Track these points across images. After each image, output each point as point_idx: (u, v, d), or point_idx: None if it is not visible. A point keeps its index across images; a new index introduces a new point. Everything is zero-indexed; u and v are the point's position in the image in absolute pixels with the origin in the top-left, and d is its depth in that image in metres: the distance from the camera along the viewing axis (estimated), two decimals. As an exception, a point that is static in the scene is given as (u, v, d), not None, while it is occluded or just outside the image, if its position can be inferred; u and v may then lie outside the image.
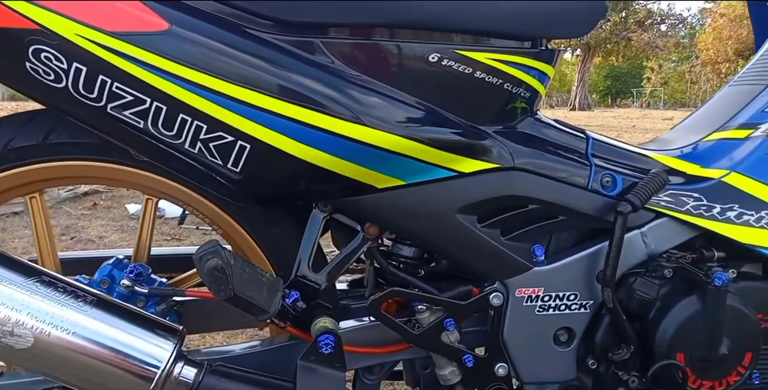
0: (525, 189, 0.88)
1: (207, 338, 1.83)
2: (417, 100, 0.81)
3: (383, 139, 0.78)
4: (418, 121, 0.81)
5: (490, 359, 0.91)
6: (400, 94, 0.80)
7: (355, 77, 0.78)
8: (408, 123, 0.80)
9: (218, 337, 1.84)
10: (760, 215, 0.92)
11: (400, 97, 0.80)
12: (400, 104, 0.80)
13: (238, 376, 0.75)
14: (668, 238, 0.92)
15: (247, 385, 0.75)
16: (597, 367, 0.92)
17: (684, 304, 0.88)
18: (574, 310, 0.91)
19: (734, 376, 0.90)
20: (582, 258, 0.91)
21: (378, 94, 0.79)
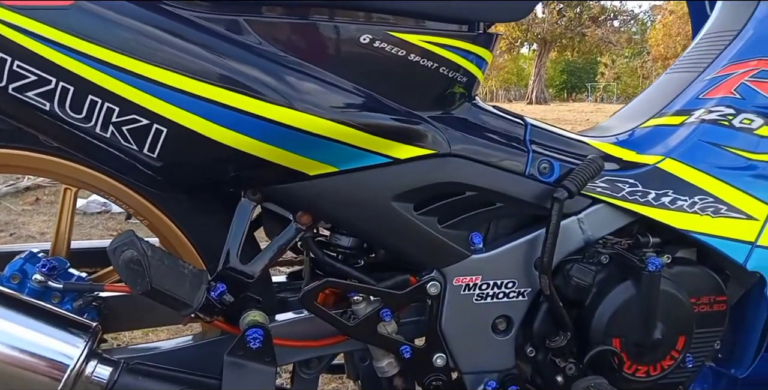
0: (461, 176, 0.86)
1: (151, 335, 1.77)
2: (349, 84, 0.78)
3: (314, 124, 0.75)
4: (351, 106, 0.78)
5: (428, 350, 0.89)
6: (331, 77, 0.77)
7: (282, 58, 0.75)
8: (340, 107, 0.77)
9: (162, 334, 1.78)
10: (693, 200, 0.92)
11: (331, 80, 0.77)
12: (331, 87, 0.77)
13: (158, 374, 0.70)
14: (605, 225, 0.92)
15: (168, 383, 0.70)
16: (535, 355, 0.92)
17: (619, 290, 0.88)
18: (512, 298, 0.90)
19: (668, 360, 0.91)
20: (519, 245, 0.90)
21: (307, 76, 0.76)
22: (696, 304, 0.93)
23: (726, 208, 0.93)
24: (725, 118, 0.96)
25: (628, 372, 0.90)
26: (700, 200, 0.92)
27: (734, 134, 0.96)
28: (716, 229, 0.92)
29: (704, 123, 0.96)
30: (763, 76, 0.98)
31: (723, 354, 1.01)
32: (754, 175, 0.94)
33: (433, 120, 0.84)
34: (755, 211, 0.93)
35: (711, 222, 0.92)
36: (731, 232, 0.92)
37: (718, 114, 0.97)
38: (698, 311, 0.94)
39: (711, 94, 0.99)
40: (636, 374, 0.90)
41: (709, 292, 0.94)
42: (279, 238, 0.84)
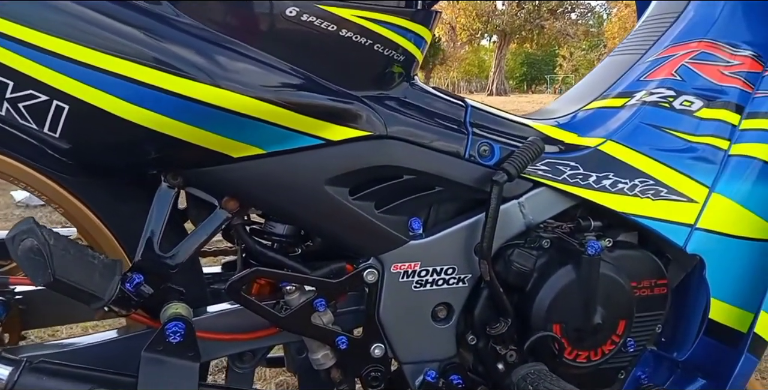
0: (398, 158, 0.82)
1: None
2: (277, 60, 0.74)
3: (238, 103, 0.70)
4: (279, 83, 0.73)
5: (365, 340, 0.85)
6: (257, 53, 0.72)
7: (201, 31, 0.70)
8: (267, 85, 0.72)
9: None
10: (634, 183, 0.91)
11: (257, 56, 0.72)
12: (257, 64, 0.72)
13: (65, 372, 0.65)
14: (546, 208, 0.90)
15: (76, 382, 0.65)
16: (476, 342, 0.89)
17: (559, 275, 0.86)
18: (453, 285, 0.87)
19: (609, 344, 0.90)
20: (459, 230, 0.87)
21: (231, 51, 0.71)
22: (637, 288, 0.93)
23: (666, 190, 0.92)
24: (666, 100, 0.95)
25: (569, 358, 0.88)
26: (641, 183, 0.91)
27: (674, 116, 0.95)
28: (656, 212, 0.91)
29: (645, 105, 0.95)
30: (703, 58, 0.97)
31: (665, 338, 1.00)
32: (694, 157, 0.94)
33: (368, 100, 0.80)
34: (695, 193, 0.93)
35: (651, 205, 0.91)
36: (671, 215, 0.92)
37: (658, 96, 0.96)
38: (639, 295, 0.93)
39: (652, 76, 0.98)
40: (577, 360, 0.89)
41: (650, 276, 0.93)
42: (203, 226, 0.79)
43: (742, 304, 0.93)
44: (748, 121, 0.95)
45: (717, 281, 0.93)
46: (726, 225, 0.93)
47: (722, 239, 0.92)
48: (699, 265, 0.94)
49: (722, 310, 0.93)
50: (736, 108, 0.96)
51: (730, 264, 0.93)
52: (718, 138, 0.95)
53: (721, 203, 0.93)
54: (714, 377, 0.94)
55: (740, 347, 0.91)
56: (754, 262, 0.93)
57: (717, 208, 0.93)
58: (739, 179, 0.94)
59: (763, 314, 0.89)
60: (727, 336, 0.93)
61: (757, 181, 0.93)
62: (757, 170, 0.94)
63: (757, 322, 0.89)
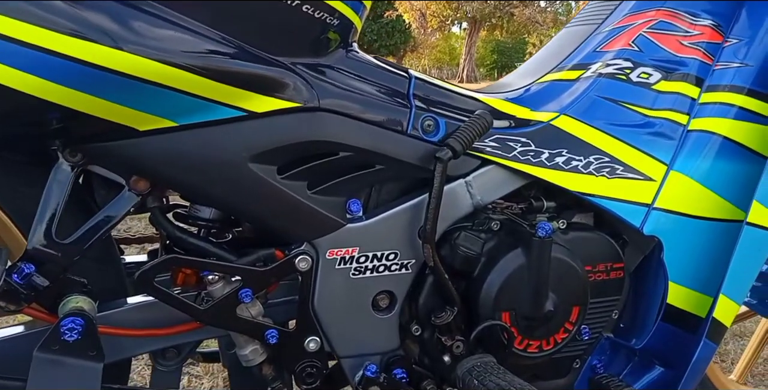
0: (333, 133, 0.74)
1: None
2: (190, 21, 0.65)
3: (142, 68, 0.61)
4: (192, 47, 0.65)
5: (298, 333, 0.78)
6: (167, 12, 0.64)
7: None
8: (179, 49, 0.64)
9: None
10: (588, 160, 0.85)
11: (166, 16, 0.63)
12: (167, 24, 0.63)
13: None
14: (495, 188, 0.84)
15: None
16: (421, 333, 0.83)
17: (508, 259, 0.80)
18: (395, 271, 0.80)
19: (562, 332, 0.84)
20: (402, 212, 0.80)
21: (135, 10, 0.62)
22: (592, 272, 0.87)
23: (622, 168, 0.86)
24: (622, 72, 0.89)
25: (519, 348, 0.82)
26: (596, 160, 0.85)
27: (631, 89, 0.89)
28: (612, 191, 0.85)
29: (601, 77, 0.89)
30: (662, 28, 0.91)
31: (623, 324, 0.96)
32: (652, 132, 0.88)
33: (298, 68, 0.72)
34: (652, 171, 0.87)
35: (606, 183, 0.85)
36: (627, 194, 0.86)
37: (615, 68, 0.90)
38: (594, 279, 0.87)
39: (609, 47, 0.92)
40: (527, 350, 0.83)
41: (606, 259, 0.88)
42: (108, 209, 0.70)
43: (700, 287, 0.88)
44: (708, 95, 0.90)
45: (675, 264, 0.88)
46: (684, 204, 0.88)
47: (680, 219, 0.87)
48: (657, 247, 0.89)
49: (680, 294, 0.88)
50: (695, 80, 0.91)
51: (689, 246, 0.88)
52: (676, 112, 0.90)
53: (679, 181, 0.88)
54: (672, 365, 0.90)
55: (699, 333, 0.86)
56: (713, 244, 0.88)
57: (675, 186, 0.88)
58: (699, 156, 0.88)
59: (722, 298, 0.85)
60: (685, 321, 0.88)
61: (717, 158, 0.88)
62: (716, 146, 0.89)
63: (716, 307, 0.85)
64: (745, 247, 0.84)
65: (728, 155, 0.88)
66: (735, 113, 0.89)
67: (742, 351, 1.61)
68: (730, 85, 0.89)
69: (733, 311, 0.86)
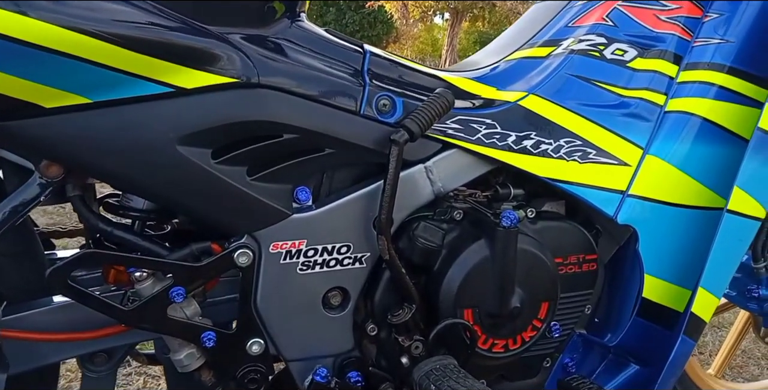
0: (274, 113, 0.67)
1: None
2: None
3: (48, 36, 0.54)
4: (109, 13, 0.57)
5: (239, 335, 0.70)
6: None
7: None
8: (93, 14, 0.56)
9: None
10: (559, 144, 0.79)
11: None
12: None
13: None
14: (458, 174, 0.77)
15: None
16: (378, 333, 0.76)
17: (471, 251, 0.74)
18: (348, 266, 0.73)
19: (530, 330, 0.78)
20: (355, 201, 0.73)
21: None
22: (563, 265, 0.81)
23: (595, 152, 0.80)
24: (596, 49, 0.83)
25: (483, 348, 0.76)
26: (567, 143, 0.79)
27: (605, 67, 0.82)
28: (584, 177, 0.79)
29: (573, 54, 0.82)
30: (638, 1, 0.85)
31: (597, 319, 0.90)
32: (627, 113, 0.82)
33: (235, 40, 0.64)
34: (627, 155, 0.81)
35: (578, 169, 0.79)
36: (600, 180, 0.80)
37: (588, 44, 0.83)
38: (565, 272, 0.81)
39: (581, 22, 0.85)
40: (493, 349, 0.77)
41: (578, 251, 0.82)
42: (14, 197, 0.62)
43: (678, 280, 0.83)
44: (687, 73, 0.84)
45: (651, 255, 0.82)
46: (661, 191, 0.82)
47: (657, 207, 0.81)
48: (632, 237, 0.83)
49: (657, 287, 0.83)
50: (673, 58, 0.84)
51: (666, 235, 0.82)
52: (653, 92, 0.83)
53: (656, 166, 0.82)
54: (648, 362, 0.84)
55: (676, 329, 0.81)
56: (692, 233, 0.82)
57: (652, 172, 0.81)
58: (677, 139, 0.82)
59: (700, 291, 0.79)
60: (661, 316, 0.83)
61: (696, 141, 0.82)
62: (695, 128, 0.83)
63: (695, 301, 0.79)
64: (725, 237, 0.79)
65: (708, 138, 0.83)
66: (715, 93, 0.83)
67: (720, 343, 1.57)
68: (710, 63, 0.83)
69: (712, 305, 0.81)
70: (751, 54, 0.83)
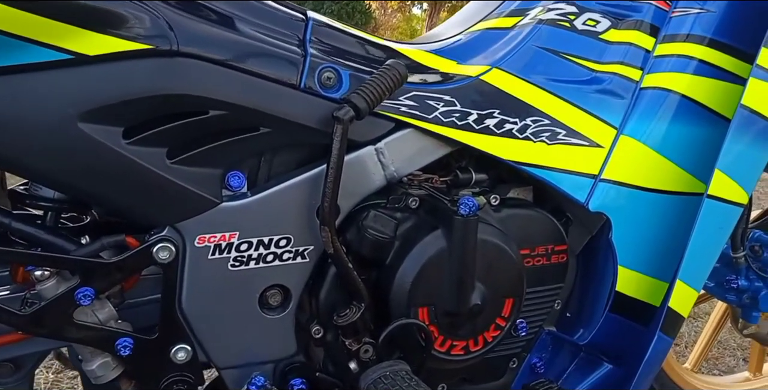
0: (198, 85, 0.58)
1: None
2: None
3: None
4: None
5: (162, 341, 0.62)
6: None
7: None
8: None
9: None
10: (525, 123, 0.71)
11: None
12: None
13: None
14: (413, 156, 0.69)
15: None
16: (324, 335, 0.68)
17: (427, 243, 0.66)
18: (288, 261, 0.65)
19: (492, 330, 0.71)
20: (296, 187, 0.64)
21: None
22: (529, 257, 0.74)
23: (564, 132, 0.72)
24: (566, 19, 0.75)
25: (441, 350, 0.68)
26: (534, 123, 0.71)
27: (576, 39, 0.75)
28: (552, 160, 0.72)
29: (541, 25, 0.75)
30: (612, -33, 0.77)
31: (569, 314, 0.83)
32: (599, 90, 0.75)
33: (150, 0, 0.55)
34: (599, 136, 0.74)
35: (546, 151, 0.71)
36: (570, 163, 0.72)
37: (557, 13, 0.75)
38: (532, 265, 0.74)
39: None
40: (451, 352, 0.69)
41: (546, 241, 0.75)
42: None
43: (654, 272, 0.76)
44: (664, 46, 0.77)
45: (625, 245, 0.75)
46: (636, 175, 0.75)
47: (632, 193, 0.74)
48: (605, 225, 0.76)
49: (631, 280, 0.76)
50: (650, 29, 0.77)
51: (641, 224, 0.75)
52: (628, 66, 0.76)
53: (630, 148, 0.75)
54: (622, 361, 0.78)
55: (652, 325, 0.74)
56: (670, 221, 0.76)
57: (626, 154, 0.74)
58: (653, 118, 0.75)
59: (678, 284, 0.72)
60: (636, 312, 0.76)
61: (674, 121, 0.76)
62: (673, 106, 0.76)
63: (672, 294, 0.72)
64: (705, 224, 0.72)
65: (687, 117, 0.76)
66: (695, 67, 0.76)
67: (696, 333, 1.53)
68: (690, 35, 0.76)
69: (690, 299, 0.74)
70: (733, 25, 0.76)
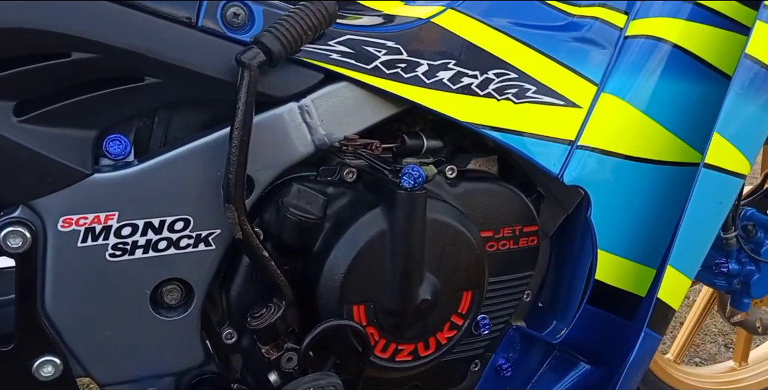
0: (53, 20, 0.44)
1: None
2: None
3: None
4: None
5: (19, 353, 0.48)
6: None
7: None
8: None
9: None
10: (487, 77, 0.58)
11: None
12: None
13: None
14: (348, 117, 0.55)
15: None
16: (238, 340, 0.54)
17: (363, 225, 0.52)
18: (187, 249, 0.51)
19: (447, 330, 0.58)
20: (195, 154, 0.51)
21: None
22: (493, 240, 0.61)
23: (535, 89, 0.60)
24: (537, -48, 0.62)
25: (383, 356, 0.55)
26: (497, 77, 0.58)
27: (549, -24, 0.62)
28: (519, 122, 0.59)
29: (507, -42, 0.61)
30: None
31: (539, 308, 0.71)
32: (576, 38, 0.62)
33: None
34: (577, 94, 0.61)
35: (512, 111, 0.59)
36: (542, 127, 0.60)
37: (526, -55, 0.62)
38: (497, 250, 0.62)
39: None
40: (396, 358, 0.56)
41: (513, 221, 0.62)
42: None
43: (640, 257, 0.64)
44: (654, -14, 0.64)
45: (607, 225, 0.63)
46: (621, 141, 0.63)
47: (615, 163, 0.62)
48: (583, 202, 0.64)
49: (613, 266, 0.64)
50: (637, -34, 0.64)
51: (625, 199, 0.64)
52: (611, 10, 0.64)
53: (613, 109, 0.62)
54: (602, 362, 0.66)
55: (638, 319, 0.63)
56: (659, 197, 0.64)
57: (608, 115, 0.62)
58: (640, 73, 0.63)
59: (669, 271, 0.61)
60: (619, 303, 0.65)
61: (666, 76, 0.63)
62: (664, 59, 0.63)
63: (662, 283, 0.61)
64: (701, 200, 0.60)
65: (680, 71, 0.64)
66: (689, 12, 0.64)
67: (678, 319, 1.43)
68: (684, -27, 0.64)
69: (682, 289, 0.63)
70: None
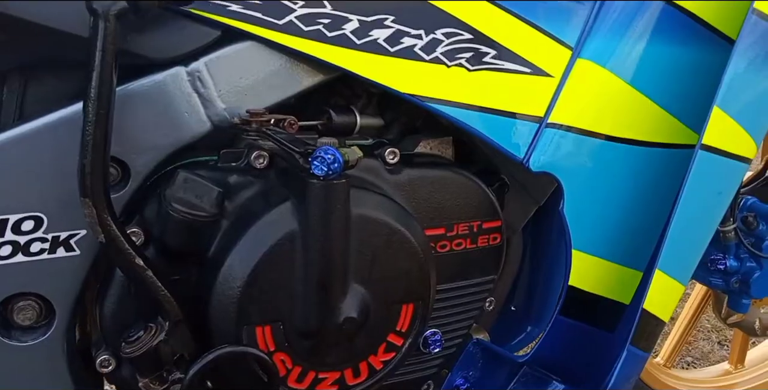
0: None
1: None
2: None
3: None
4: None
5: None
6: None
7: None
8: None
9: None
10: (435, 37, 0.46)
11: None
12: None
13: None
14: (255, 87, 0.44)
15: None
16: (117, 368, 0.43)
17: (268, 224, 0.41)
18: (41, 255, 0.40)
19: (382, 352, 0.47)
20: (49, 131, 0.39)
21: None
22: (444, 238, 0.50)
23: (494, 53, 0.48)
24: None
25: (300, 387, 0.44)
26: (447, 37, 0.47)
27: None
28: (475, 95, 0.48)
29: None
30: None
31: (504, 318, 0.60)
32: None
33: None
34: (547, 59, 0.50)
35: (466, 80, 0.47)
36: (503, 100, 0.49)
37: None
38: (449, 250, 0.51)
39: None
40: (316, 389, 0.45)
41: (471, 216, 0.51)
42: None
43: (623, 259, 0.54)
44: (642, -73, 0.53)
45: (583, 221, 0.52)
46: (600, 118, 0.52)
47: (594, 144, 0.51)
48: (555, 192, 0.53)
49: (590, 269, 0.54)
50: None
51: (606, 189, 0.53)
52: (589, -43, 0.52)
53: (592, 78, 0.51)
54: (579, 380, 0.56)
55: (620, 330, 0.52)
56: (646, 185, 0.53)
57: (585, 86, 0.51)
58: (624, 35, 0.52)
59: (658, 276, 0.50)
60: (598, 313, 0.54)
61: (654, 39, 0.52)
62: (653, 18, 0.52)
63: (649, 290, 0.50)
64: (697, 189, 0.50)
65: (672, 33, 0.52)
66: (684, -40, 0.52)
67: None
68: None
69: (674, 296, 0.53)
70: None
